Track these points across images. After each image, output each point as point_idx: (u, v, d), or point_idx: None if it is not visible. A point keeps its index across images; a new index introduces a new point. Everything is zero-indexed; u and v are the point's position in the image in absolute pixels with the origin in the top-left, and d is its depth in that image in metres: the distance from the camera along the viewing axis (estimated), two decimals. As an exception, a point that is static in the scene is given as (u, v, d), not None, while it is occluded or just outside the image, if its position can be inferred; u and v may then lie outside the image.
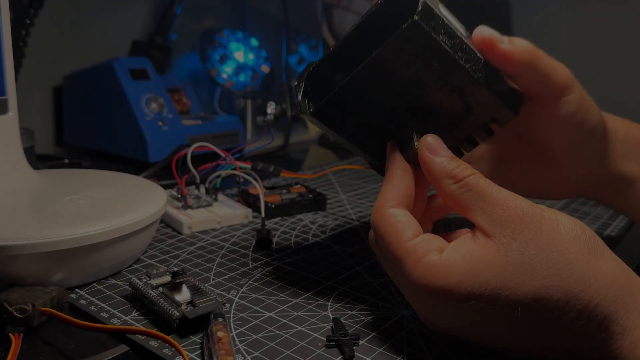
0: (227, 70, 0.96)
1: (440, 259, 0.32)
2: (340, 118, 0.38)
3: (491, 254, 0.31)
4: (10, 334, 0.34)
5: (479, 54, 0.37)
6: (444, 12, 0.36)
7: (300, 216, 0.60)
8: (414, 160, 0.37)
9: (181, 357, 0.33)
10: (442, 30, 0.35)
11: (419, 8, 0.33)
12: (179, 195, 0.59)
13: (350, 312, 0.40)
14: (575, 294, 0.30)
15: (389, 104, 0.38)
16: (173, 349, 0.34)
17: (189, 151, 0.58)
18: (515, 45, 0.38)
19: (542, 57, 0.40)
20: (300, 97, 0.38)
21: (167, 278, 0.40)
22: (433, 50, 0.35)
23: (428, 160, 0.35)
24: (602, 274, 0.30)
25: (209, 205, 0.58)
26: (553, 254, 0.30)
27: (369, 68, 0.35)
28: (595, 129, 0.45)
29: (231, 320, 0.38)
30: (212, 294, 0.38)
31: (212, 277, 0.45)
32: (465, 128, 0.40)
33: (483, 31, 0.38)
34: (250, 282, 0.44)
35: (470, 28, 0.39)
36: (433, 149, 0.36)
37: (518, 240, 0.31)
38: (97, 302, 0.40)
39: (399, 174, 0.36)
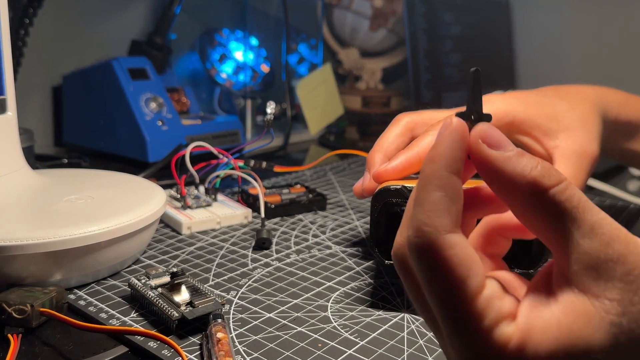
0: (227, 69, 0.95)
1: (519, 333, 0.22)
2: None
3: (590, 329, 0.21)
4: (9, 335, 0.34)
5: None
6: None
7: (300, 216, 0.60)
8: None
9: (180, 358, 0.33)
10: None
11: None
12: (179, 196, 0.58)
13: (351, 313, 0.40)
14: None
15: None
16: (172, 350, 0.34)
17: (187, 151, 0.58)
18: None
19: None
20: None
21: (166, 279, 0.40)
22: None
23: (492, 157, 0.23)
24: None
25: (209, 205, 0.58)
26: None
27: None
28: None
29: (230, 321, 0.38)
30: (211, 295, 0.38)
31: (211, 277, 0.45)
32: None
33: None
34: (249, 282, 0.44)
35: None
36: (494, 140, 0.23)
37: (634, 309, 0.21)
38: (96, 302, 0.40)
39: (453, 181, 0.23)
